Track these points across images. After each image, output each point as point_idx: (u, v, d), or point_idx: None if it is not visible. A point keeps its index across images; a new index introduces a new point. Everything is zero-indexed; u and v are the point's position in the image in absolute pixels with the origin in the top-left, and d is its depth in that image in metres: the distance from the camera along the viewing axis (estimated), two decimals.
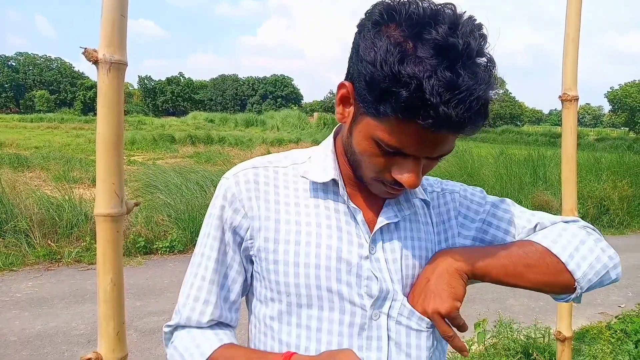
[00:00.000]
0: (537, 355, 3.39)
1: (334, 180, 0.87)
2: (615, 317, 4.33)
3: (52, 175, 9.05)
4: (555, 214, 0.98)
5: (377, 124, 0.73)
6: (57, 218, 5.90)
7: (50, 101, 76.94)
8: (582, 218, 2.01)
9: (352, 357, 0.74)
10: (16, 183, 6.84)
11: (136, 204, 1.07)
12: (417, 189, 0.89)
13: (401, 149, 0.73)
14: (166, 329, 0.93)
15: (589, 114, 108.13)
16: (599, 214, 9.01)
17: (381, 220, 0.87)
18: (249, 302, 0.95)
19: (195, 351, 0.86)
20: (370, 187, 0.85)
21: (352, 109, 0.79)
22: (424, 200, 0.93)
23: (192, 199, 6.71)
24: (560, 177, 2.03)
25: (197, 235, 5.74)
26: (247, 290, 0.95)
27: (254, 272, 0.91)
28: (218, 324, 0.92)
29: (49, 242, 5.66)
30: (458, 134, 0.71)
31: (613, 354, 3.48)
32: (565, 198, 2.14)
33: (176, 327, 0.92)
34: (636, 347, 3.66)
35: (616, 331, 3.95)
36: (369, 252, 0.85)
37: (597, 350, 3.46)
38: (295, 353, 0.81)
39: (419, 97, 0.65)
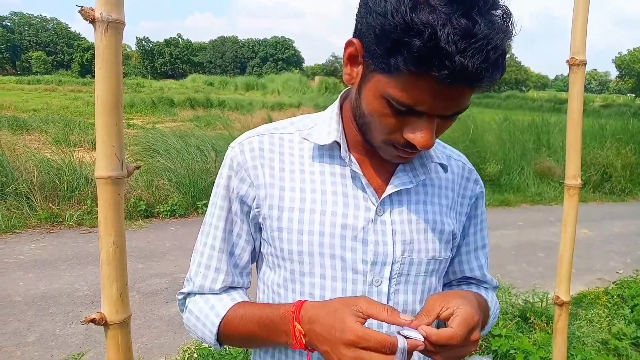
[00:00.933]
0: (534, 319, 3.44)
1: (337, 143, 0.84)
2: (613, 283, 4.39)
3: (51, 138, 9.01)
4: (557, 181, 1.01)
5: (388, 80, 0.69)
6: (57, 181, 5.90)
7: (47, 63, 75.96)
8: (585, 185, 2.00)
9: (368, 300, 0.71)
10: (15, 146, 6.81)
11: (137, 167, 1.05)
12: (433, 152, 0.87)
13: (414, 106, 0.69)
14: (179, 296, 0.95)
15: (595, 80, 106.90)
16: (601, 181, 9.01)
17: (394, 187, 0.84)
18: (258, 268, 0.96)
19: (210, 312, 0.88)
20: (380, 151, 0.81)
21: (360, 68, 0.76)
22: (441, 165, 0.89)
23: (193, 164, 6.70)
24: (564, 144, 2.00)
25: (198, 199, 5.79)
26: (257, 257, 0.96)
27: (262, 240, 0.91)
28: (230, 287, 0.93)
29: (50, 205, 5.67)
30: (474, 87, 0.67)
31: (609, 318, 3.54)
32: (569, 165, 2.12)
33: (189, 294, 0.93)
34: (632, 311, 3.71)
35: (613, 296, 4.01)
36: (376, 215, 0.83)
37: (594, 315, 3.52)
38: (306, 301, 0.78)
39: (433, 46, 0.61)
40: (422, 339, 0.68)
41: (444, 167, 0.89)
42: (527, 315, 3.50)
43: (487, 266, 1.02)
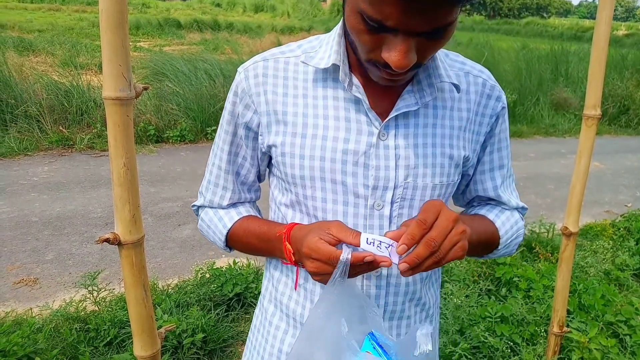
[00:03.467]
0: (539, 248, 3.50)
1: (336, 65, 0.81)
2: (621, 216, 4.41)
3: (58, 61, 8.85)
4: (572, 112, 0.94)
5: None
6: (66, 104, 5.88)
7: None
8: (601, 117, 1.94)
9: (340, 225, 0.76)
10: (23, 68, 6.71)
11: (145, 88, 1.02)
12: (443, 71, 0.82)
13: (383, 21, 0.65)
14: (194, 207, 1.02)
15: (622, 7, 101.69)
16: (618, 114, 8.82)
17: (398, 108, 0.81)
18: (270, 189, 0.98)
19: (219, 223, 0.96)
20: (369, 73, 0.78)
21: None
22: (454, 85, 0.84)
23: (201, 89, 6.60)
24: (583, 74, 1.92)
25: (207, 125, 5.77)
26: (264, 178, 0.99)
27: (271, 163, 0.93)
28: (238, 202, 0.99)
29: (61, 128, 5.69)
30: (438, 2, 0.62)
31: (613, 250, 3.59)
32: (589, 94, 2.06)
33: (201, 207, 1.01)
34: (637, 243, 3.75)
35: (620, 229, 4.04)
36: (379, 139, 0.82)
37: (599, 246, 3.56)
38: (297, 224, 0.85)
39: None
40: (389, 255, 0.72)
41: (457, 87, 0.84)
42: (533, 245, 3.56)
43: (507, 187, 0.98)
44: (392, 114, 0.81)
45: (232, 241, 0.96)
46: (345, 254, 0.72)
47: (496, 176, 0.96)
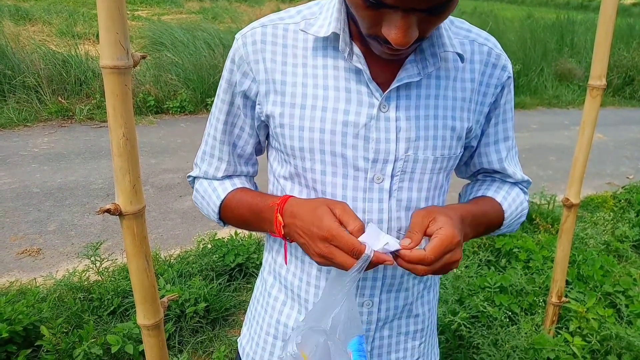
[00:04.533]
0: (540, 220, 3.51)
1: (336, 34, 0.78)
2: (622, 188, 4.41)
3: (55, 30, 8.72)
4: (577, 84, 0.91)
5: None
6: (64, 74, 5.81)
7: None
8: (606, 88, 1.91)
9: (346, 210, 0.75)
10: (19, 37, 6.61)
11: (143, 57, 1.00)
12: (447, 40, 0.79)
13: None
14: (189, 178, 1.01)
15: None
16: (623, 85, 8.72)
17: (400, 79, 0.79)
18: (268, 162, 0.96)
19: (213, 194, 0.94)
20: (370, 46, 0.76)
21: None
22: (458, 54, 0.82)
23: (200, 59, 6.52)
24: (589, 44, 1.88)
25: (206, 96, 5.71)
26: (263, 150, 0.97)
27: (269, 134, 0.90)
28: (234, 175, 0.97)
29: (60, 99, 5.64)
30: None
31: (614, 222, 3.60)
32: (595, 64, 2.02)
33: (196, 177, 0.99)
34: (637, 215, 3.76)
35: (620, 200, 4.05)
36: (380, 110, 0.80)
37: (599, 218, 3.58)
38: (291, 196, 0.83)
39: None
40: (393, 255, 0.74)
41: (461, 57, 0.82)
42: (533, 216, 3.57)
43: (511, 159, 0.97)
44: (394, 85, 0.79)
45: (225, 213, 0.94)
46: (369, 251, 0.70)
47: (501, 149, 0.95)
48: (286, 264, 0.92)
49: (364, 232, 0.73)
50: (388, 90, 0.79)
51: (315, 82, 0.81)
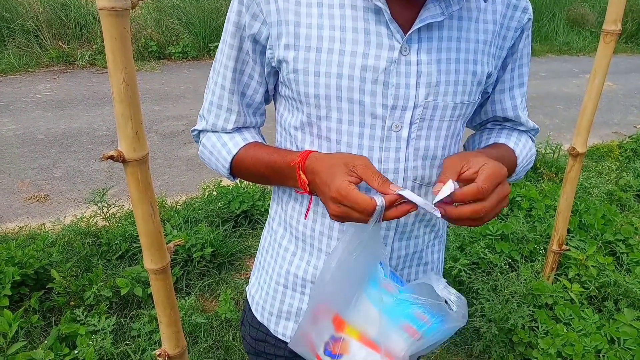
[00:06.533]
0: (544, 169, 3.51)
1: None
2: (629, 137, 4.36)
3: None
4: (589, 30, 0.87)
5: None
6: (64, 18, 5.68)
7: None
8: (620, 34, 1.84)
9: (367, 164, 0.72)
10: None
11: None
12: None
13: None
14: (193, 132, 0.96)
15: None
16: (636, 31, 8.45)
17: (422, 19, 0.74)
18: (276, 111, 0.92)
19: (223, 149, 0.89)
20: None
21: None
22: None
23: (203, 2, 6.33)
24: None
25: (209, 41, 5.57)
26: (272, 99, 0.92)
27: (278, 81, 0.86)
28: (243, 127, 0.93)
29: (60, 44, 5.54)
30: None
31: (618, 171, 3.59)
32: (611, 7, 1.95)
33: (202, 131, 0.94)
34: None
35: (626, 150, 4.02)
36: (401, 54, 0.75)
37: (604, 167, 3.56)
38: (313, 151, 0.79)
39: None
40: (421, 203, 0.70)
41: None
42: (538, 165, 3.56)
43: (524, 107, 0.95)
44: (416, 26, 0.74)
45: (237, 169, 0.90)
46: (380, 202, 0.68)
47: (516, 95, 0.92)
48: (306, 218, 0.89)
49: (389, 185, 0.70)
50: (410, 32, 0.74)
51: (332, 23, 0.76)
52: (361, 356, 0.77)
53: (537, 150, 3.71)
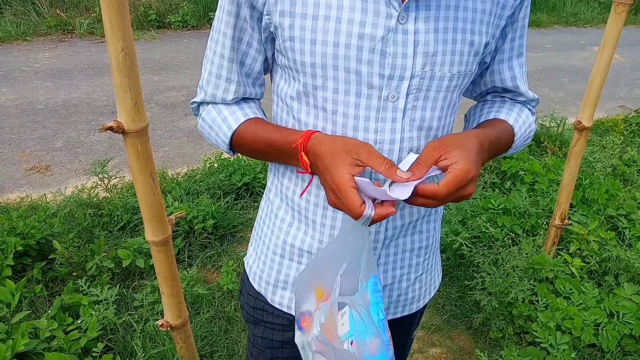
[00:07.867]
0: (548, 143, 3.48)
1: None
2: (635, 111, 4.31)
3: None
4: (598, 0, 0.84)
5: None
6: None
7: None
8: (632, 3, 1.79)
9: (370, 150, 0.72)
10: None
11: None
12: None
13: None
14: (192, 105, 0.94)
15: None
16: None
17: None
18: (273, 81, 0.91)
19: (223, 124, 0.88)
20: None
21: None
22: None
23: None
24: None
25: (210, 10, 5.46)
26: (270, 68, 0.90)
27: (275, 50, 0.84)
28: (243, 99, 0.91)
29: (58, 12, 5.44)
30: None
31: (623, 146, 3.56)
32: None
33: (202, 103, 0.92)
34: None
35: (632, 124, 3.98)
36: (398, 22, 0.74)
37: (608, 142, 3.53)
38: (316, 132, 0.79)
39: None
40: (404, 198, 0.71)
41: None
42: (542, 139, 3.53)
43: (523, 77, 0.94)
44: None
45: (237, 145, 0.89)
46: (369, 211, 0.69)
47: (514, 65, 0.91)
48: (302, 195, 0.90)
49: (396, 170, 0.71)
50: (407, 0, 0.73)
51: None
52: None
53: (541, 124, 3.68)
